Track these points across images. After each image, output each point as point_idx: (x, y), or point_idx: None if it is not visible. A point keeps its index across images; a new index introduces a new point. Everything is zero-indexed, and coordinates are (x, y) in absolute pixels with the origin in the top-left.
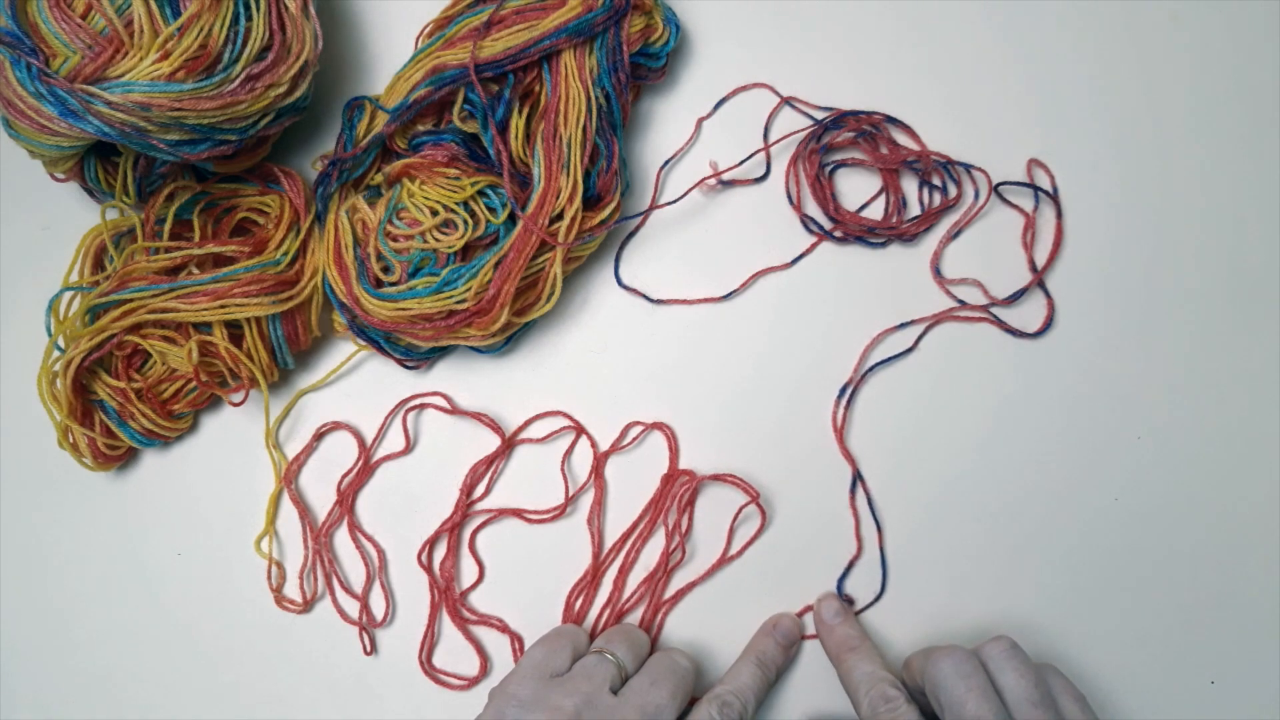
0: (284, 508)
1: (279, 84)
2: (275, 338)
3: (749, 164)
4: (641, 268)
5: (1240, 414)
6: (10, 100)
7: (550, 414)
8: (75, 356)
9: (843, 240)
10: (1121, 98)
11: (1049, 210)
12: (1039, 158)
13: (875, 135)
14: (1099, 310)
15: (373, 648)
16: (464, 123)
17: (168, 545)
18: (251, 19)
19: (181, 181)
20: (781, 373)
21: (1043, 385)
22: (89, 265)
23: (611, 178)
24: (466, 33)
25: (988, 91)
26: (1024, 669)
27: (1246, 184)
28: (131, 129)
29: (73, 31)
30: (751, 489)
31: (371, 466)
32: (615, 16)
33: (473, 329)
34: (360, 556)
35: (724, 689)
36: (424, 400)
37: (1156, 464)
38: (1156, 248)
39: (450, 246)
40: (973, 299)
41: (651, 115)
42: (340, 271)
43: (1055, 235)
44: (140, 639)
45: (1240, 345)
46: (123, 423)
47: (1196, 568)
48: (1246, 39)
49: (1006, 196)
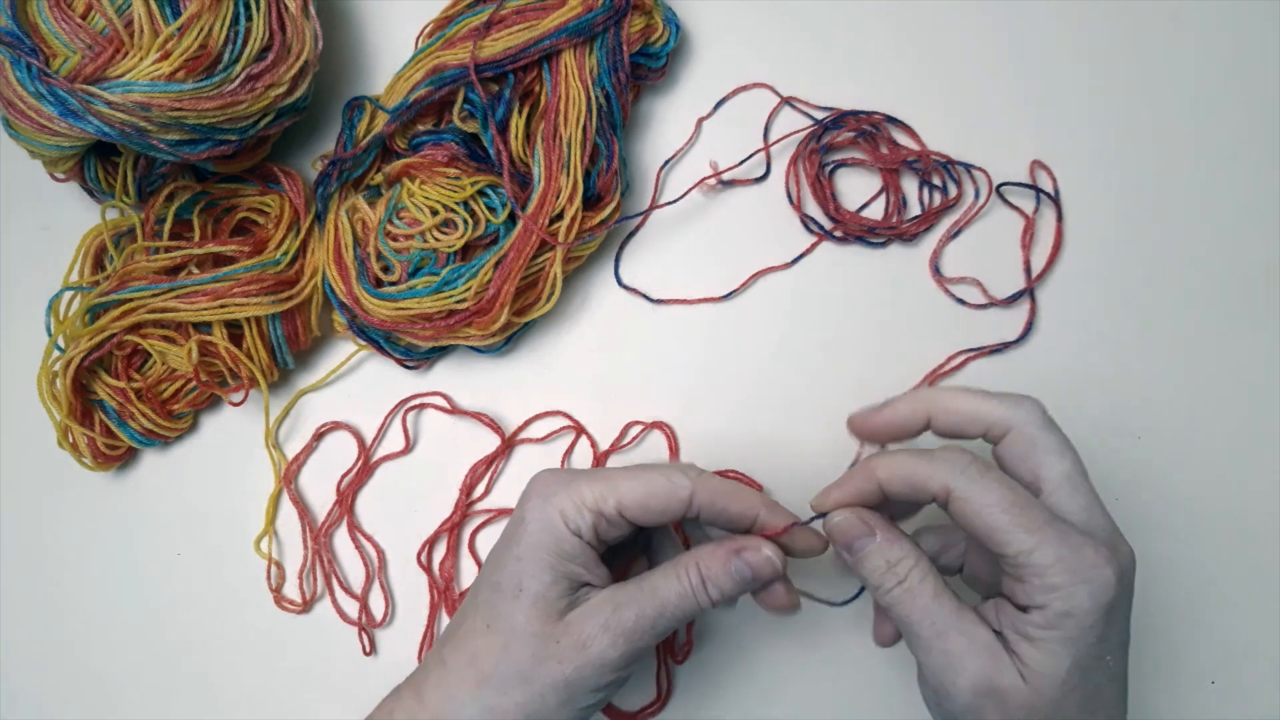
0: (284, 508)
1: (279, 84)
2: (275, 337)
3: (749, 164)
4: (641, 268)
5: (1240, 414)
6: (10, 100)
7: (550, 414)
8: (75, 356)
9: (843, 240)
10: (1121, 97)
11: (1049, 211)
12: (1039, 158)
13: (875, 135)
14: (1099, 309)
15: (372, 648)
16: (464, 123)
17: (167, 545)
18: (251, 19)
19: (181, 181)
20: (781, 372)
21: (1043, 385)
22: (89, 265)
23: (611, 178)
24: (466, 33)
25: (988, 91)
26: None
27: (1245, 185)
28: (131, 129)
29: (73, 31)
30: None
31: (371, 466)
32: (615, 16)
33: (473, 329)
34: (360, 556)
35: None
36: (424, 400)
37: (1156, 464)
38: (1156, 247)
39: (450, 246)
40: (971, 298)
41: (651, 115)
42: (340, 271)
43: (1055, 238)
44: (140, 639)
45: (1241, 343)
46: (123, 423)
47: (1196, 568)
48: (1246, 37)
49: (1008, 197)
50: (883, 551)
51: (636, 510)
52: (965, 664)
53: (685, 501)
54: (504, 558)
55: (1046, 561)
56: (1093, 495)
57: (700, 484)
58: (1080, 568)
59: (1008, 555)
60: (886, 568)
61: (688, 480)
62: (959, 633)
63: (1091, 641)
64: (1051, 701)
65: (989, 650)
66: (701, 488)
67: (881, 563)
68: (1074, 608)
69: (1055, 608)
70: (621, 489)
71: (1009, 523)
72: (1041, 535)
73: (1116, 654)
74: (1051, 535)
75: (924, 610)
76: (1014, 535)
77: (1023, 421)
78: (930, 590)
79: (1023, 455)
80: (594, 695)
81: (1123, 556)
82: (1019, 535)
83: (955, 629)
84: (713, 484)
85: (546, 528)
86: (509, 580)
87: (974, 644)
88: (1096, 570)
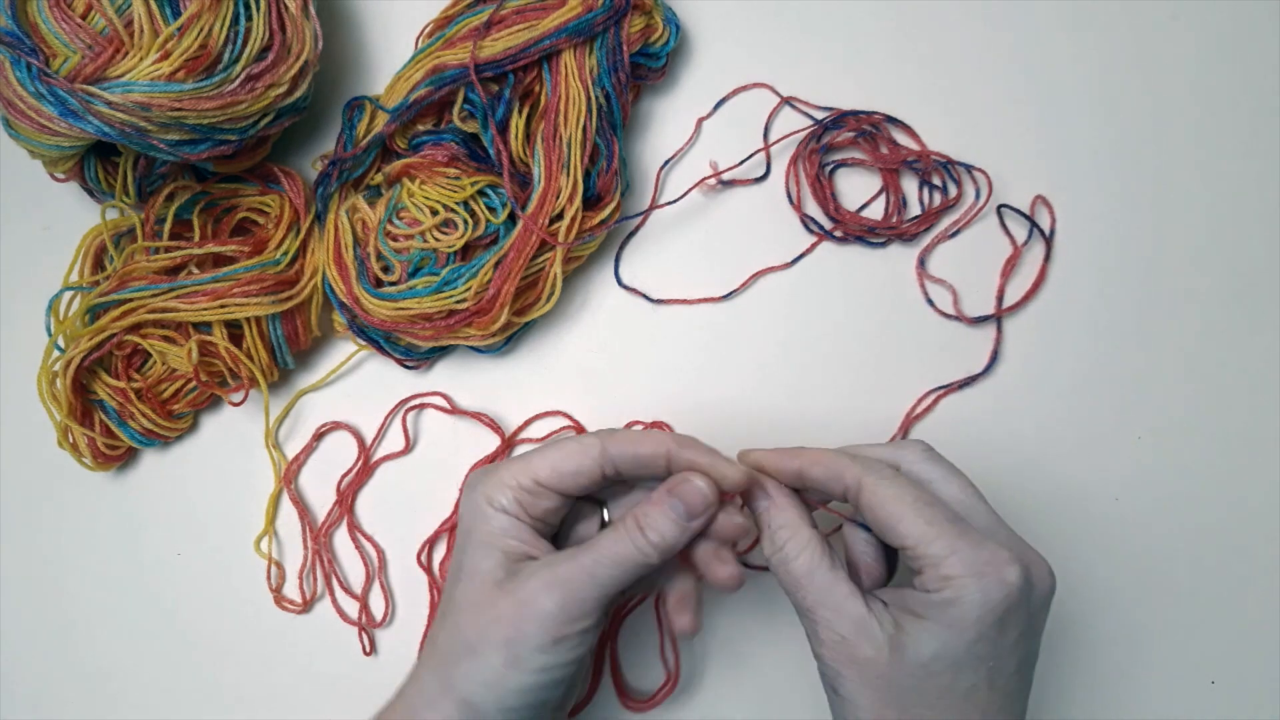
0: (284, 508)
1: (279, 84)
2: (275, 337)
3: (749, 164)
4: (641, 268)
5: (1240, 415)
6: (10, 100)
7: (550, 414)
8: (75, 356)
9: (843, 240)
10: (1121, 97)
11: (1039, 245)
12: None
13: (875, 135)
14: (1097, 297)
15: (372, 648)
16: (464, 123)
17: (167, 545)
18: (251, 19)
19: (181, 181)
20: (781, 372)
21: (1042, 386)
22: (89, 265)
23: (611, 178)
24: (466, 33)
25: (988, 92)
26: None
27: (1245, 185)
28: (131, 129)
29: (73, 31)
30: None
31: (371, 466)
32: (615, 16)
33: (473, 329)
34: (360, 557)
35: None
36: (424, 400)
37: (1157, 464)
38: (1153, 247)
39: (450, 246)
40: (945, 306)
41: (651, 115)
42: (340, 271)
43: (1038, 274)
44: (140, 639)
45: (1241, 349)
46: (122, 422)
47: (1196, 568)
48: (1245, 34)
49: (1004, 220)
50: (769, 515)
51: (551, 475)
52: (829, 633)
53: (597, 459)
54: (453, 557)
55: (943, 553)
56: (993, 515)
57: (607, 438)
58: (977, 563)
59: (907, 547)
60: (769, 531)
61: (596, 438)
62: (825, 606)
63: (970, 638)
64: (910, 678)
65: (855, 623)
66: (609, 441)
67: (768, 524)
68: (960, 598)
69: (944, 594)
70: (534, 461)
71: (911, 515)
72: (941, 529)
73: (1005, 665)
74: (950, 531)
75: (797, 581)
76: (914, 526)
77: (910, 460)
78: (805, 563)
79: None
80: (542, 656)
81: (1034, 570)
82: (919, 526)
83: (823, 603)
84: (619, 434)
85: (474, 513)
86: (453, 569)
87: (840, 616)
88: (993, 569)
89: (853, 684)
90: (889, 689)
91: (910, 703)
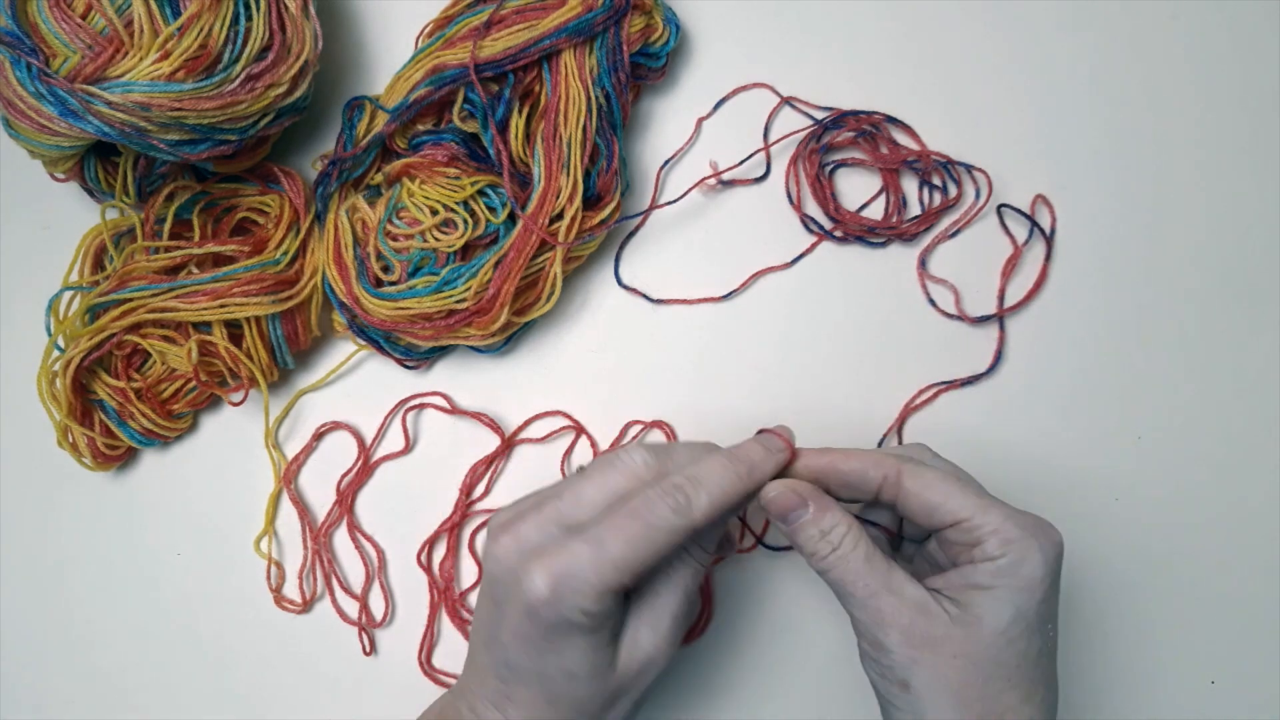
0: (283, 508)
1: (279, 84)
2: (275, 337)
3: (749, 164)
4: (641, 268)
5: (1240, 415)
6: (10, 100)
7: (550, 414)
8: (75, 356)
9: (843, 240)
10: (1121, 97)
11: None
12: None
13: (875, 135)
14: (1098, 297)
15: (372, 648)
16: (464, 122)
17: (168, 545)
18: (251, 19)
19: (181, 181)
20: (781, 372)
21: (1042, 386)
22: (89, 265)
23: (611, 178)
24: (466, 32)
25: (988, 92)
26: None
27: (1244, 185)
28: (131, 129)
29: (73, 31)
30: None
31: (371, 466)
32: (615, 16)
33: (473, 329)
34: (360, 557)
35: (681, 477)
36: (424, 400)
37: (1157, 464)
38: (1153, 247)
39: (450, 246)
40: (947, 306)
41: (651, 115)
42: (340, 271)
43: (1040, 274)
44: (140, 639)
45: (1241, 349)
46: (122, 422)
47: (1196, 568)
48: (1245, 34)
49: (1005, 219)
50: (816, 522)
51: (644, 568)
52: (897, 619)
53: (691, 528)
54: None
55: (999, 520)
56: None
57: (693, 492)
58: (1029, 528)
59: (962, 520)
60: (820, 536)
61: (686, 498)
62: (890, 591)
63: (1039, 598)
64: (990, 649)
65: (919, 605)
66: (696, 499)
67: (815, 532)
68: (1026, 558)
69: (1010, 557)
70: (610, 547)
71: (959, 491)
72: (988, 501)
73: (1053, 629)
74: (995, 504)
75: (857, 573)
76: (967, 499)
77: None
78: (863, 554)
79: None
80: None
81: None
82: (971, 499)
83: (886, 588)
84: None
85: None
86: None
87: (904, 601)
88: (1044, 533)
89: (929, 671)
90: (969, 667)
91: (992, 676)
